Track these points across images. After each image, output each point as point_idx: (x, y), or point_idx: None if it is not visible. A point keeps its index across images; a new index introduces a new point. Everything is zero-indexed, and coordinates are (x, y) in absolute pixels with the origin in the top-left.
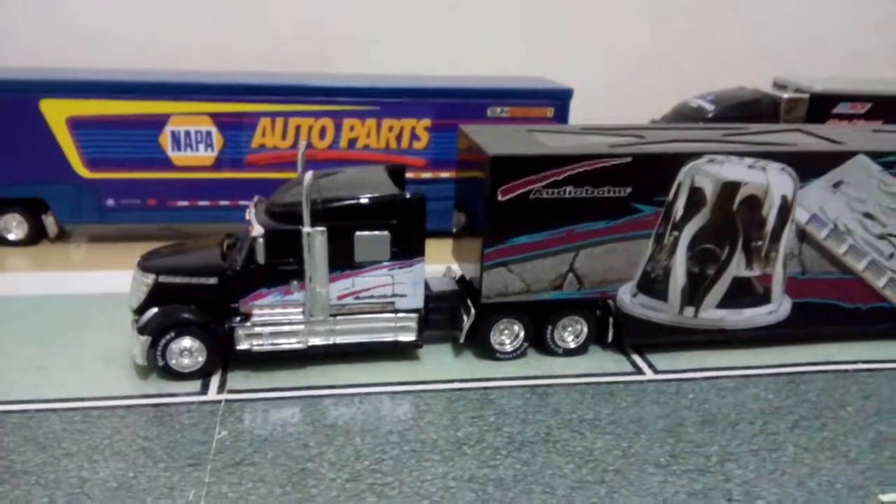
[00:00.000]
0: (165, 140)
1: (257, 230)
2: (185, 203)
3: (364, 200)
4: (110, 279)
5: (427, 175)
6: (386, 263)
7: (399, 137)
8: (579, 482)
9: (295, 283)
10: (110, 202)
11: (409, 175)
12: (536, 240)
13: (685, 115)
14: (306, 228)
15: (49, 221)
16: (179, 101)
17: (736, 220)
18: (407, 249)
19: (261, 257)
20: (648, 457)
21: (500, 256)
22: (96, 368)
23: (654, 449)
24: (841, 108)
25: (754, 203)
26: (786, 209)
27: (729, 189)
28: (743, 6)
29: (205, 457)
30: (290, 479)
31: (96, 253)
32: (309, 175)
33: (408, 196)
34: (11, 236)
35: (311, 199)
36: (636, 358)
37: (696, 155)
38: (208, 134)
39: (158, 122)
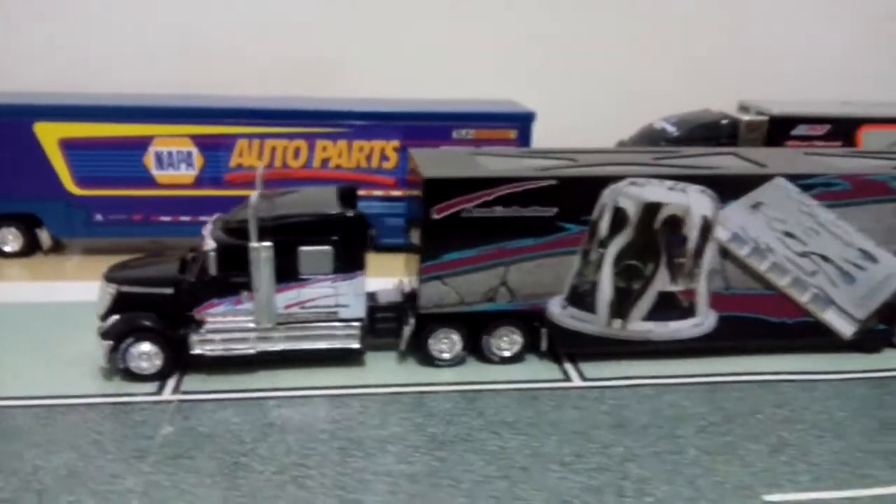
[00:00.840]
0: (149, 160)
1: (209, 245)
2: (167, 218)
3: (308, 218)
4: (97, 289)
5: (396, 193)
6: (329, 276)
7: (369, 157)
8: (485, 477)
9: (245, 293)
10: (98, 217)
11: (378, 193)
12: (469, 255)
13: (649, 137)
14: (253, 244)
15: (43, 235)
16: (162, 124)
17: (658, 239)
18: (348, 263)
19: (212, 270)
20: (555, 456)
21: (435, 270)
22: (67, 369)
23: (562, 449)
24: (800, 130)
25: (676, 222)
26: (707, 228)
27: (650, 209)
28: (727, 27)
29: (149, 450)
30: (222, 471)
31: (87, 264)
32: (255, 195)
33: (349, 214)
34: (8, 248)
35: (258, 216)
36: (568, 366)
37: (618, 178)
38: (189, 154)
39: (143, 143)
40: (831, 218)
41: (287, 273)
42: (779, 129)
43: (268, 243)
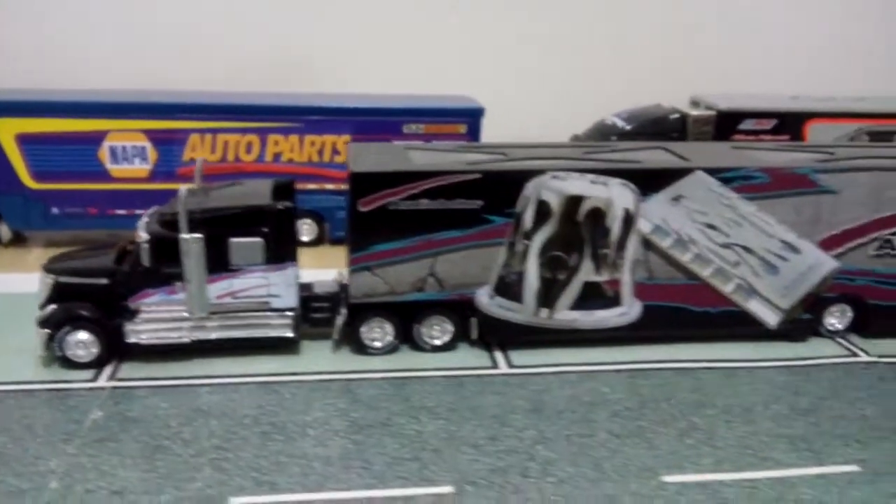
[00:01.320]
0: (104, 154)
1: (142, 237)
2: (123, 211)
3: (238, 210)
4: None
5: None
6: (261, 267)
7: (321, 152)
8: (397, 459)
9: (179, 284)
10: (55, 210)
11: (330, 187)
12: (397, 246)
13: (602, 132)
14: (183, 235)
15: (3, 228)
16: (116, 119)
17: (582, 230)
18: (279, 255)
19: (146, 261)
20: (469, 439)
21: (364, 261)
22: (9, 358)
23: (477, 432)
24: (747, 125)
25: (598, 215)
26: (629, 220)
27: (573, 202)
28: (687, 24)
29: (76, 433)
30: (143, 454)
31: (47, 257)
32: (184, 188)
33: (279, 207)
34: None
35: (189, 209)
36: (497, 354)
37: (540, 172)
38: (143, 149)
39: (98, 138)
40: (752, 210)
41: (219, 264)
42: (727, 124)
43: (198, 235)
